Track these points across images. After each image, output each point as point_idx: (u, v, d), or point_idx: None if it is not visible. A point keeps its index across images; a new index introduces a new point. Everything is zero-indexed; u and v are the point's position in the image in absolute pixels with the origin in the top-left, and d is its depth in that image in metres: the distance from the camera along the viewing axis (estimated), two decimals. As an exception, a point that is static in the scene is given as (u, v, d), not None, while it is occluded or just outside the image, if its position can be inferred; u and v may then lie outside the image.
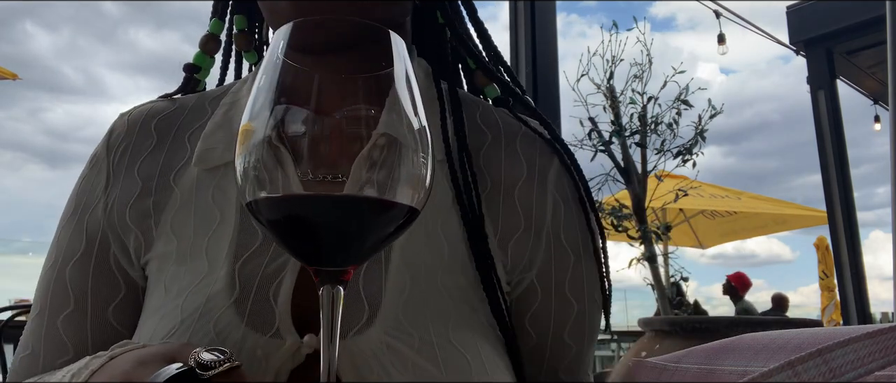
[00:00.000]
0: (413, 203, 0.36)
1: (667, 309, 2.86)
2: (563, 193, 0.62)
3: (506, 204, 0.60)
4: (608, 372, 2.18)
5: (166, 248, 0.57)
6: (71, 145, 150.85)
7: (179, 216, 0.57)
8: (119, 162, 0.61)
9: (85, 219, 0.60)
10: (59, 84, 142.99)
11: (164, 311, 0.53)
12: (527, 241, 0.60)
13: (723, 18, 5.97)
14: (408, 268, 0.54)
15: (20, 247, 10.74)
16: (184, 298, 0.53)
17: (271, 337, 0.50)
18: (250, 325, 0.50)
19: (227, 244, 0.54)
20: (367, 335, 0.50)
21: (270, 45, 0.38)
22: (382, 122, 0.35)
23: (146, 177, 0.59)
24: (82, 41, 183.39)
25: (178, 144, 0.61)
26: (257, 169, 0.35)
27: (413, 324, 0.51)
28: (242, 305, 0.51)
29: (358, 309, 0.51)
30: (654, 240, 2.85)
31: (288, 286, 0.52)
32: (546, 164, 0.62)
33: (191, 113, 0.63)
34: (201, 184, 0.58)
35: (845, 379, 0.32)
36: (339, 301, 0.36)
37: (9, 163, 63.63)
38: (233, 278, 0.52)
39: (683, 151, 2.91)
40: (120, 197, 0.59)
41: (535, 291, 0.61)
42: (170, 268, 0.56)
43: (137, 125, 0.62)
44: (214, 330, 0.50)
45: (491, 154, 0.61)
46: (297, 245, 0.37)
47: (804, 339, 0.44)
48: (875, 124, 6.28)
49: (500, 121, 0.64)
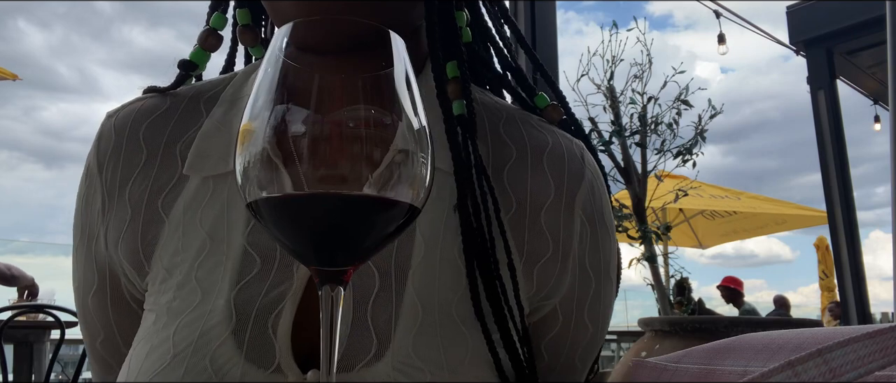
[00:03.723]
0: (413, 202, 0.36)
1: (667, 309, 2.86)
2: (589, 215, 0.58)
3: (532, 227, 0.56)
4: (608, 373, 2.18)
5: (158, 278, 0.53)
6: (66, 144, 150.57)
7: (170, 247, 0.53)
8: (111, 181, 0.57)
9: (93, 248, 0.58)
10: (54, 82, 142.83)
11: (154, 342, 0.49)
12: (553, 268, 0.56)
13: (722, 18, 5.97)
14: (420, 299, 0.50)
15: (18, 248, 10.74)
16: (174, 329, 0.49)
17: (272, 373, 0.47)
18: (250, 360, 0.47)
19: (221, 270, 0.51)
20: (374, 369, 0.47)
21: (271, 44, 0.38)
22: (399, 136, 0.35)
23: (136, 201, 0.56)
24: (76, 39, 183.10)
25: (169, 160, 0.56)
26: (257, 169, 0.35)
27: (424, 360, 0.48)
28: (240, 336, 0.48)
29: (366, 342, 0.48)
30: (654, 240, 2.85)
31: (288, 317, 0.49)
32: (575, 184, 0.58)
33: (183, 114, 0.59)
34: (192, 206, 0.54)
35: (845, 379, 0.32)
36: (339, 301, 0.36)
37: (4, 162, 63.64)
38: (230, 307, 0.49)
39: (683, 151, 2.91)
40: (113, 226, 0.56)
41: (556, 317, 0.58)
42: (160, 296, 0.52)
43: (126, 132, 0.58)
44: (212, 366, 0.47)
45: (516, 172, 0.57)
46: (298, 245, 0.37)
47: (804, 339, 0.44)
48: (875, 124, 6.29)
49: (526, 135, 0.59)
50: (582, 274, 0.58)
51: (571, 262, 0.57)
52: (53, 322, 3.03)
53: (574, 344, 0.60)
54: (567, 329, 0.59)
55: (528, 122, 0.61)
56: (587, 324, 0.60)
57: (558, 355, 0.60)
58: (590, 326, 0.60)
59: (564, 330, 0.59)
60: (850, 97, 5.68)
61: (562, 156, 0.59)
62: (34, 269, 11.33)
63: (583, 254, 0.58)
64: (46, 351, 3.72)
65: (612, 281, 0.62)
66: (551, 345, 0.60)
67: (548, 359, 0.60)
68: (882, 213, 41.70)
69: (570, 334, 0.60)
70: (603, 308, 0.61)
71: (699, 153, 2.94)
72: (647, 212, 2.85)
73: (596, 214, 0.59)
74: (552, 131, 0.61)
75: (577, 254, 0.57)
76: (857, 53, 4.95)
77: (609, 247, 0.61)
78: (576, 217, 0.57)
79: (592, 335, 0.61)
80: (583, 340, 0.61)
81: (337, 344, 0.36)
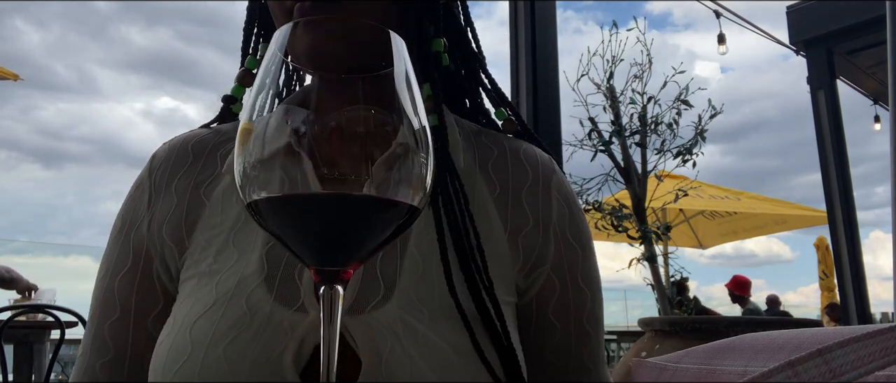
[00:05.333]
0: (414, 202, 0.36)
1: (667, 309, 2.86)
2: (564, 197, 0.68)
3: (515, 206, 0.65)
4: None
5: (197, 249, 0.62)
6: (65, 144, 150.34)
7: (210, 222, 0.62)
8: (159, 181, 0.67)
9: (131, 235, 0.66)
10: (51, 82, 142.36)
11: (199, 294, 0.58)
12: (536, 238, 0.65)
13: (722, 18, 5.97)
14: (420, 254, 0.59)
15: (17, 248, 10.71)
16: (217, 280, 0.58)
17: (296, 311, 0.54)
18: (278, 300, 0.55)
19: (254, 235, 0.59)
20: (383, 310, 0.54)
21: (270, 46, 0.38)
22: (399, 136, 0.36)
23: (181, 191, 0.65)
24: (73, 38, 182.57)
25: (211, 161, 0.67)
26: (256, 169, 0.35)
27: (425, 302, 0.56)
28: (271, 283, 0.56)
29: (375, 287, 0.56)
30: (654, 240, 2.85)
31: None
32: (548, 174, 0.69)
33: (225, 135, 0.69)
34: (229, 190, 0.63)
35: (845, 379, 0.32)
36: (339, 301, 0.36)
37: (3, 162, 63.54)
38: (262, 261, 0.58)
39: (683, 151, 2.90)
40: (160, 212, 0.65)
41: (553, 284, 0.66)
42: (200, 264, 0.61)
43: (177, 149, 0.69)
44: (246, 304, 0.55)
45: (498, 165, 0.67)
46: (297, 245, 0.37)
47: (804, 339, 0.44)
48: (875, 124, 6.29)
49: (503, 140, 0.71)
50: (566, 243, 0.67)
51: (553, 233, 0.66)
52: (53, 322, 3.03)
53: (578, 310, 0.67)
54: (566, 293, 0.66)
55: (502, 135, 0.72)
56: (584, 289, 0.68)
57: (568, 322, 0.66)
58: (586, 290, 0.68)
59: (564, 294, 0.66)
60: (850, 97, 5.69)
61: (535, 154, 0.70)
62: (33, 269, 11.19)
63: (563, 227, 0.67)
64: (46, 351, 3.72)
65: (594, 254, 0.71)
66: (558, 313, 0.66)
67: (560, 328, 0.66)
68: (882, 213, 41.71)
69: (571, 298, 0.67)
70: (594, 275, 0.69)
71: (699, 153, 2.94)
72: (647, 212, 2.85)
73: (570, 198, 0.70)
74: (522, 141, 0.72)
75: (556, 227, 0.66)
76: (857, 53, 4.95)
77: (585, 227, 0.70)
78: (553, 197, 0.67)
79: (592, 300, 0.68)
80: (584, 305, 0.67)
81: (337, 343, 0.36)
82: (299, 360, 0.53)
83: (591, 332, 0.68)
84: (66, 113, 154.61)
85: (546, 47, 2.02)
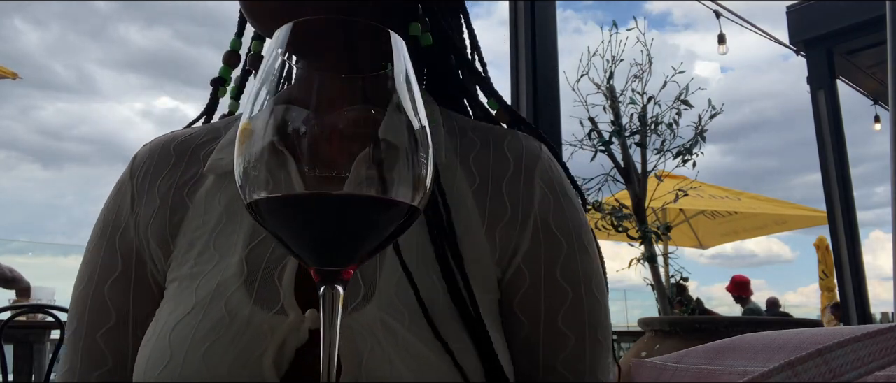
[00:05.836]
0: (413, 202, 0.36)
1: (667, 309, 2.86)
2: (549, 184, 0.65)
3: (494, 196, 0.63)
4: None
5: (181, 251, 0.61)
6: (64, 144, 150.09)
7: (193, 224, 0.62)
8: (141, 183, 0.66)
9: (116, 239, 0.64)
10: (51, 81, 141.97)
11: (180, 298, 0.58)
12: (513, 229, 0.62)
13: (722, 18, 5.97)
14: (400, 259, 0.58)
15: (17, 247, 10.71)
16: (197, 284, 0.57)
17: (276, 314, 0.54)
18: (258, 303, 0.55)
19: (235, 237, 0.59)
20: (364, 312, 0.54)
21: (270, 45, 0.38)
22: (383, 126, 0.35)
23: (164, 193, 0.64)
24: (73, 38, 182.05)
25: (193, 161, 0.66)
26: (257, 169, 0.35)
27: (405, 304, 0.55)
28: (251, 286, 0.56)
29: (355, 288, 0.55)
30: (654, 240, 2.85)
31: (292, 268, 0.56)
32: (532, 161, 0.65)
33: (207, 134, 0.69)
34: (212, 191, 0.63)
35: (845, 379, 0.32)
36: (339, 301, 0.36)
37: (2, 162, 63.43)
38: (242, 264, 0.57)
39: (683, 151, 2.90)
40: (143, 214, 0.64)
41: (522, 276, 0.62)
42: (182, 266, 0.60)
43: (158, 150, 0.68)
44: (225, 308, 0.55)
45: (479, 157, 0.65)
46: (297, 245, 0.37)
47: (804, 339, 0.44)
48: (875, 124, 6.29)
49: (488, 130, 0.68)
50: (547, 235, 0.62)
51: (533, 222, 0.62)
52: (53, 322, 3.03)
53: (551, 308, 0.61)
54: (537, 289, 0.62)
55: (494, 127, 0.70)
56: (563, 287, 0.62)
57: (536, 319, 0.61)
58: (569, 290, 0.62)
59: (535, 289, 0.62)
60: (850, 97, 5.68)
61: (520, 143, 0.67)
62: (33, 269, 11.18)
63: (546, 217, 0.63)
64: (46, 351, 3.72)
65: (590, 253, 0.65)
66: (524, 307, 0.62)
67: (527, 324, 0.62)
68: (882, 213, 41.69)
69: (543, 295, 0.61)
70: (583, 275, 0.63)
71: (699, 153, 2.93)
72: (647, 212, 2.84)
73: (556, 185, 0.65)
74: (513, 131, 0.69)
75: (538, 216, 0.63)
76: (857, 53, 4.95)
77: (577, 217, 0.65)
78: (536, 186, 0.64)
79: (575, 299, 0.62)
80: (562, 304, 0.62)
81: (337, 343, 0.36)
82: (280, 363, 0.52)
83: (570, 335, 0.61)
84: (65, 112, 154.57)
85: (546, 47, 2.02)
